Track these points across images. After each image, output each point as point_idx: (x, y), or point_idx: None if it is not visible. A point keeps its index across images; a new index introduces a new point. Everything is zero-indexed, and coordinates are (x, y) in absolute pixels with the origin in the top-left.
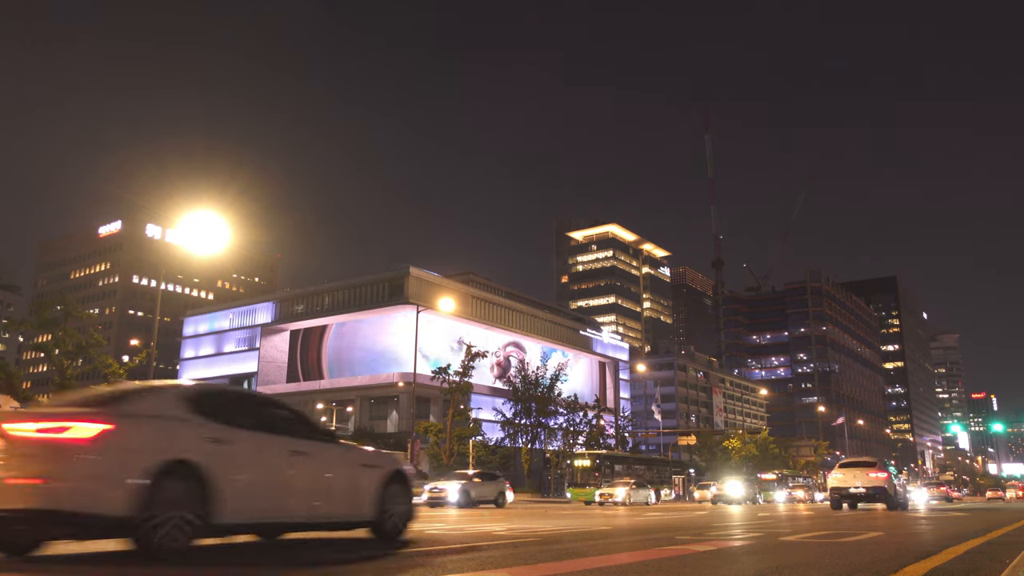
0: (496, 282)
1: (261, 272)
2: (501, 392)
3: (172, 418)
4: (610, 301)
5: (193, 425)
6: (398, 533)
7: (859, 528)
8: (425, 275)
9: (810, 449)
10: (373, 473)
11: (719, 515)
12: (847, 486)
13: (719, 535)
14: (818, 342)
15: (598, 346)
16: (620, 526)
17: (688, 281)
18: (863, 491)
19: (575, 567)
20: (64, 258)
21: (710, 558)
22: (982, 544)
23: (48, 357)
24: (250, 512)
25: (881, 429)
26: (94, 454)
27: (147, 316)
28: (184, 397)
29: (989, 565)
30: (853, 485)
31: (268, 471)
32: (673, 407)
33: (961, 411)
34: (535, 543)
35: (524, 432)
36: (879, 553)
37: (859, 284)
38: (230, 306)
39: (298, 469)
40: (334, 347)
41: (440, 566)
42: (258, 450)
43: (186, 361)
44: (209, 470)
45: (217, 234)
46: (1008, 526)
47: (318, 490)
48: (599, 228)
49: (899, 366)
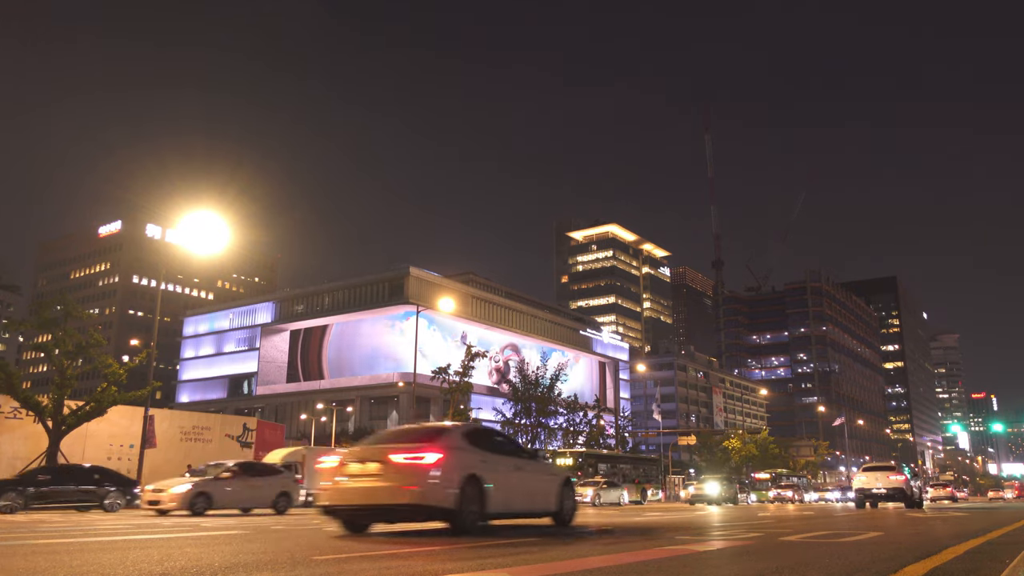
0: (496, 282)
1: (261, 272)
2: (501, 392)
3: (464, 448)
4: (610, 301)
5: (473, 452)
6: (569, 519)
7: (859, 528)
8: (425, 275)
9: (810, 449)
10: (556, 479)
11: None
12: (870, 487)
13: (720, 535)
14: (818, 342)
15: (598, 346)
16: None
17: (688, 281)
18: (884, 491)
19: (575, 567)
20: (64, 258)
21: (710, 558)
22: (982, 544)
23: (48, 357)
24: (502, 505)
25: (881, 429)
26: (436, 471)
27: (147, 316)
28: (464, 434)
29: (989, 565)
30: (875, 486)
31: (507, 479)
32: (673, 407)
33: (961, 411)
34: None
35: (524, 432)
36: (879, 553)
37: (859, 284)
38: (230, 306)
39: (520, 477)
40: (334, 347)
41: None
42: (501, 466)
43: (186, 361)
44: (483, 480)
45: (217, 234)
46: (1008, 526)
47: (530, 490)
48: (599, 228)
49: (899, 366)
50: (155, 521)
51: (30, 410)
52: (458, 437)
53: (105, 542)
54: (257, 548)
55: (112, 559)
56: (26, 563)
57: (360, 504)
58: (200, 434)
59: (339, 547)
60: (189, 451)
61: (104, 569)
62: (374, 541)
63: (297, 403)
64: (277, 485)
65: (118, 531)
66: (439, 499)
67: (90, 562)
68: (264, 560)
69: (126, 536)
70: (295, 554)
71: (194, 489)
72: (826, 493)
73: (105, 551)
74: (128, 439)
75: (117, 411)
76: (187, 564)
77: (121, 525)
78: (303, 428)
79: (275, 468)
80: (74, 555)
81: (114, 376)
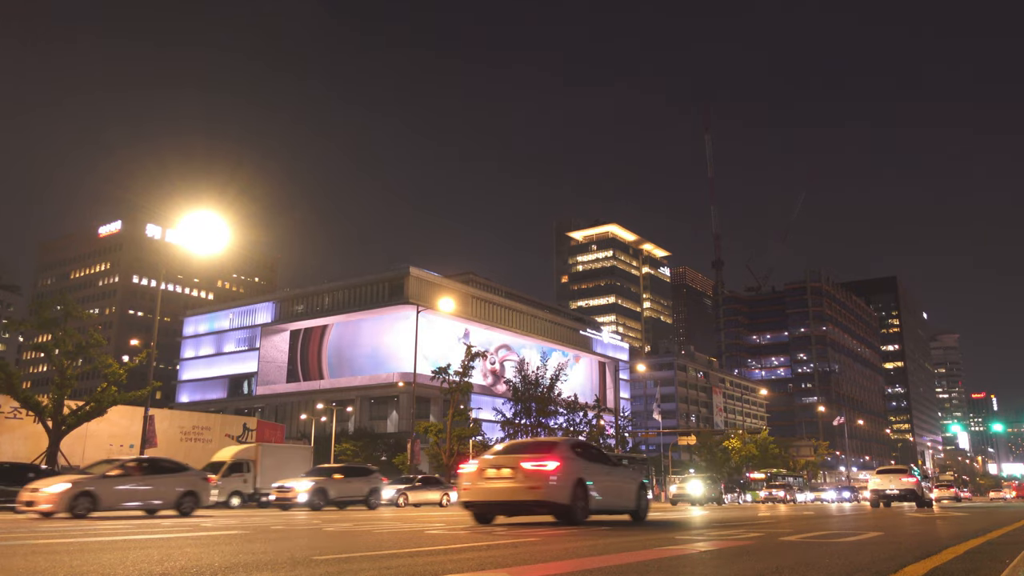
0: (496, 282)
1: (261, 272)
2: (494, 392)
3: (573, 458)
4: (610, 301)
5: (578, 460)
6: (645, 516)
7: (859, 528)
8: (425, 275)
9: (810, 449)
10: (635, 482)
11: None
12: (884, 488)
13: (720, 535)
14: (818, 342)
15: (598, 346)
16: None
17: (688, 281)
18: (897, 492)
19: (575, 567)
20: (64, 258)
21: (710, 558)
22: (982, 544)
23: (48, 357)
24: (599, 503)
25: (881, 429)
26: (556, 475)
27: (147, 316)
28: (571, 446)
29: (989, 565)
30: (889, 487)
31: (602, 482)
32: (673, 407)
33: (961, 411)
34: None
35: (524, 432)
36: (879, 553)
37: (859, 284)
38: (230, 306)
39: (610, 480)
40: (334, 347)
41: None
42: (598, 472)
43: (186, 361)
44: (587, 482)
45: (217, 234)
46: (1008, 526)
47: (617, 491)
48: (599, 228)
49: (899, 366)
50: (155, 521)
51: (30, 410)
52: (568, 449)
53: (105, 542)
54: (273, 547)
55: (112, 559)
56: (26, 563)
57: (496, 500)
58: (200, 434)
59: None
60: (189, 451)
61: (104, 569)
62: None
63: (297, 403)
64: (181, 484)
65: (118, 531)
66: (558, 497)
67: (90, 562)
68: (264, 560)
69: (126, 536)
70: (295, 554)
71: (74, 488)
72: (822, 493)
73: (105, 551)
74: (128, 439)
75: (117, 411)
76: (187, 564)
77: (121, 525)
78: (303, 428)
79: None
80: (74, 555)
81: (114, 376)
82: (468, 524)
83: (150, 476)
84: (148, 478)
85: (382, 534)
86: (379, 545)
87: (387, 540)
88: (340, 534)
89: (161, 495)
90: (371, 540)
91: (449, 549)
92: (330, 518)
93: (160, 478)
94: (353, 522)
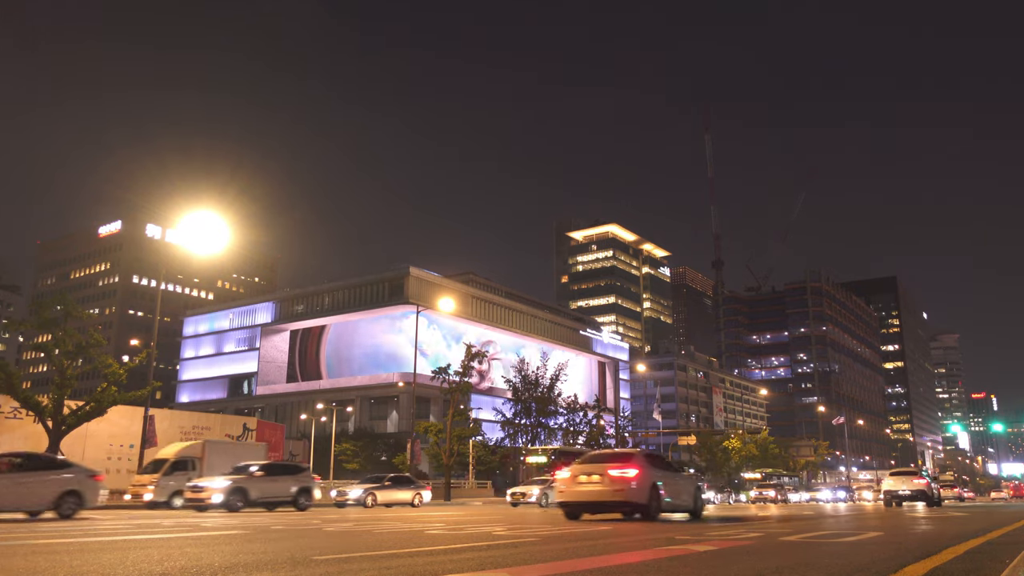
0: (496, 282)
1: (261, 272)
2: (500, 392)
3: (647, 465)
4: (610, 301)
5: (651, 468)
6: (701, 513)
7: (859, 528)
8: (425, 275)
9: (810, 449)
10: (692, 484)
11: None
12: (896, 489)
13: (720, 536)
14: (818, 342)
15: (598, 346)
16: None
17: (688, 281)
18: (908, 493)
19: (575, 567)
20: (64, 258)
21: (710, 558)
22: (982, 544)
23: (48, 357)
24: (668, 504)
25: (881, 429)
26: (636, 480)
27: (147, 316)
28: (645, 456)
29: (989, 565)
30: (901, 488)
31: (670, 485)
32: (673, 407)
33: (961, 411)
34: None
35: (524, 432)
36: (879, 553)
37: (859, 284)
38: (230, 306)
39: (675, 483)
40: (334, 347)
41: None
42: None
43: (186, 361)
44: (659, 484)
45: (217, 234)
46: (1008, 526)
47: (680, 492)
48: (599, 228)
49: (899, 366)
50: (155, 521)
51: (30, 410)
52: (644, 458)
53: (105, 542)
54: (262, 548)
55: (112, 559)
56: (26, 563)
57: (586, 500)
58: (200, 434)
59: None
60: None
61: (104, 569)
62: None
63: (297, 403)
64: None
65: (118, 531)
66: (638, 498)
67: (90, 562)
68: (264, 560)
69: (126, 536)
70: (295, 554)
71: None
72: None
73: (105, 551)
74: (128, 439)
75: (117, 411)
76: (187, 564)
77: (121, 525)
78: (303, 428)
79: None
80: (74, 555)
81: (114, 376)
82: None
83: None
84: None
85: (382, 534)
86: (379, 545)
87: (387, 540)
88: (340, 534)
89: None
90: (371, 540)
91: (449, 549)
92: (330, 518)
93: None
94: (353, 522)
